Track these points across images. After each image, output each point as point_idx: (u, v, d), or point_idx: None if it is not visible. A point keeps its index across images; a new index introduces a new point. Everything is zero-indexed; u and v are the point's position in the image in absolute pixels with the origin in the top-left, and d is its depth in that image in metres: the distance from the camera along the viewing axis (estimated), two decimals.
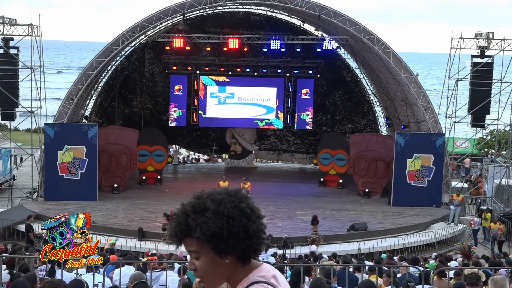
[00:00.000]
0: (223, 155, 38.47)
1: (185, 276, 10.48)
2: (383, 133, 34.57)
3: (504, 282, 6.25)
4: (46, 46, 32.48)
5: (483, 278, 10.24)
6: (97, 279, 9.42)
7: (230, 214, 2.49)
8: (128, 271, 10.10)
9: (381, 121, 36.12)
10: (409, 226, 24.45)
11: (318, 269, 10.44)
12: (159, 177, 31.16)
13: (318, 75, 34.46)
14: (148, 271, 10.64)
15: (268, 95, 34.29)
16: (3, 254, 12.00)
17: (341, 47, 33.13)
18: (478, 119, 28.49)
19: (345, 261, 13.19)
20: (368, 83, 35.72)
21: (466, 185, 31.03)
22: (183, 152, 40.95)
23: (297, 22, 34.29)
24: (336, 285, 9.43)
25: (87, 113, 33.21)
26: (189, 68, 33.70)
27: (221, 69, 33.92)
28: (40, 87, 27.53)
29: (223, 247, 2.48)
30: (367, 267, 12.13)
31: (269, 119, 34.64)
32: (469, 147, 34.65)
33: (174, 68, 33.73)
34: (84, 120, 32.28)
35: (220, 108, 34.32)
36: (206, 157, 40.05)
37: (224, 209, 2.49)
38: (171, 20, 29.35)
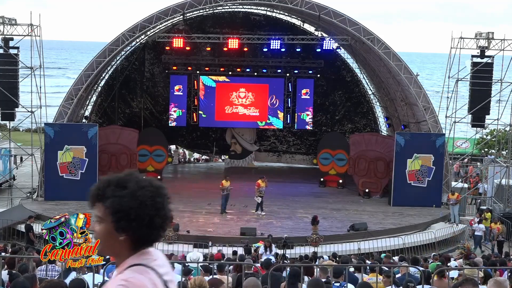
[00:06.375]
0: (222, 158, 38.45)
1: (191, 276, 10.47)
2: (383, 133, 34.55)
3: (505, 284, 6.24)
4: (46, 46, 32.41)
5: (480, 275, 10.27)
6: (97, 279, 9.42)
7: (145, 200, 2.61)
8: None
9: (381, 121, 36.11)
10: (409, 226, 24.43)
11: (318, 269, 10.41)
12: (159, 177, 31.03)
13: (318, 75, 34.46)
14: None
15: (268, 95, 34.29)
16: (3, 254, 12.00)
17: (341, 47, 33.12)
18: (478, 119, 28.46)
19: (344, 261, 13.17)
20: (368, 83, 35.71)
21: (466, 185, 31.02)
22: (182, 151, 40.90)
23: (297, 22, 34.29)
24: (344, 281, 9.41)
25: (87, 113, 33.20)
26: (189, 68, 33.70)
27: (221, 69, 33.94)
28: (40, 87, 27.55)
29: (123, 225, 2.61)
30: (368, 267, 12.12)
31: (269, 119, 34.64)
32: (469, 147, 34.65)
33: (174, 68, 33.73)
34: (84, 120, 32.27)
35: None
36: (205, 157, 40.01)
37: (141, 194, 2.62)
38: (171, 20, 29.35)
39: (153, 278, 2.61)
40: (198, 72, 33.83)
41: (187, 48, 31.08)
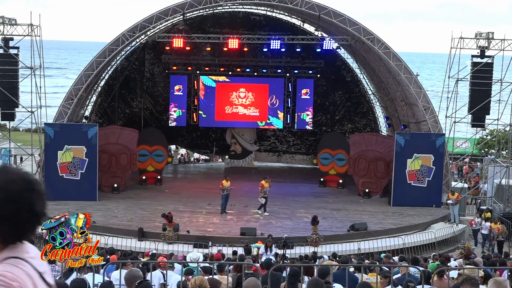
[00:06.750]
0: (222, 158, 38.44)
1: (190, 276, 10.47)
2: (383, 133, 34.56)
3: (505, 284, 6.25)
4: (46, 46, 32.42)
5: (480, 274, 10.27)
6: (97, 279, 9.42)
7: (12, 196, 2.48)
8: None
9: (381, 121, 36.11)
10: (409, 226, 24.45)
11: (317, 269, 10.41)
12: (159, 177, 31.16)
13: (318, 75, 34.47)
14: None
15: (268, 95, 34.30)
16: None
17: (341, 47, 33.12)
18: (478, 119, 28.47)
19: (344, 261, 13.16)
20: (368, 83, 35.72)
21: (466, 185, 31.03)
22: (182, 151, 40.91)
23: (297, 22, 34.29)
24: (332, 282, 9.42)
25: (87, 113, 33.21)
26: (189, 68, 33.70)
27: (221, 69, 33.94)
28: (40, 87, 27.56)
29: None
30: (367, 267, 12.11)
31: (269, 119, 34.64)
32: (469, 147, 34.64)
33: (174, 68, 33.74)
34: (84, 120, 32.28)
35: None
36: (204, 157, 40.00)
37: (9, 188, 2.48)
38: (171, 20, 29.35)
39: (28, 270, 2.53)
40: (198, 72, 33.84)
41: (187, 48, 31.08)
